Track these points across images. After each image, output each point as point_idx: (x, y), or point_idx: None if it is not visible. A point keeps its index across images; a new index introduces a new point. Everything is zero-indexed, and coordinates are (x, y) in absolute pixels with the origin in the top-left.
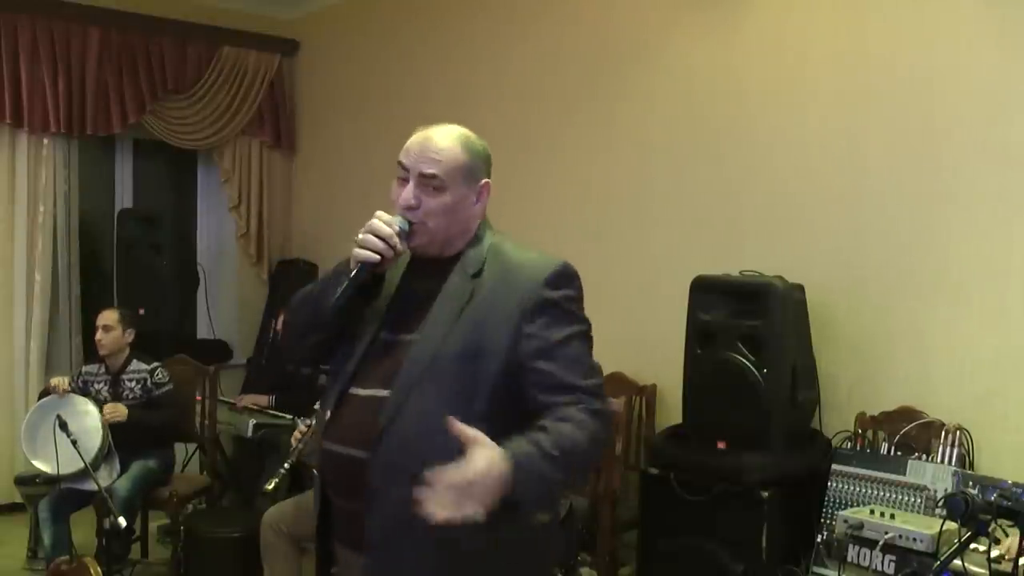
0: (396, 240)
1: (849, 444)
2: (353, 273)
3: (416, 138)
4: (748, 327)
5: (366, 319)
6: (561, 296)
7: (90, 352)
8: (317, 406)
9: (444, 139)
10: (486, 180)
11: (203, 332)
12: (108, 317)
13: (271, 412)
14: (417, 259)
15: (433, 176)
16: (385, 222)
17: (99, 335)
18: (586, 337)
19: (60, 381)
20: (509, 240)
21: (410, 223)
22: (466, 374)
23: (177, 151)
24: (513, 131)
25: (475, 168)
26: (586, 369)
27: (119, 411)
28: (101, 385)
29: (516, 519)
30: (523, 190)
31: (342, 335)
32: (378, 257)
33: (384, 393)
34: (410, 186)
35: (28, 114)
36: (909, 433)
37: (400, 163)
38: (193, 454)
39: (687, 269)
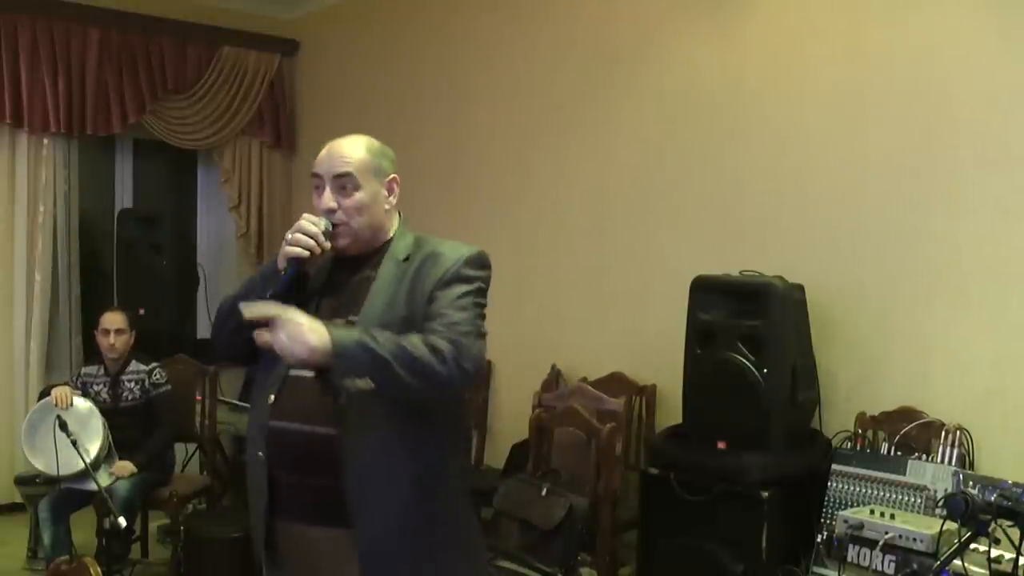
0: (322, 238)
1: (849, 444)
2: (284, 270)
3: (323, 150)
4: (748, 327)
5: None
6: (475, 275)
7: (90, 352)
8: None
9: (348, 144)
10: (394, 175)
11: (203, 332)
12: (118, 320)
13: None
14: (339, 258)
15: (347, 175)
16: (312, 222)
17: (111, 339)
18: (482, 313)
19: (63, 393)
20: (428, 235)
21: (334, 225)
22: None
23: (177, 151)
24: (513, 130)
25: (381, 164)
26: (469, 328)
27: (126, 469)
28: (100, 387)
29: (335, 377)
30: (523, 189)
31: None
32: (307, 253)
33: None
34: (327, 191)
35: (28, 114)
36: (909, 433)
37: (314, 174)
38: (193, 454)
39: (687, 269)
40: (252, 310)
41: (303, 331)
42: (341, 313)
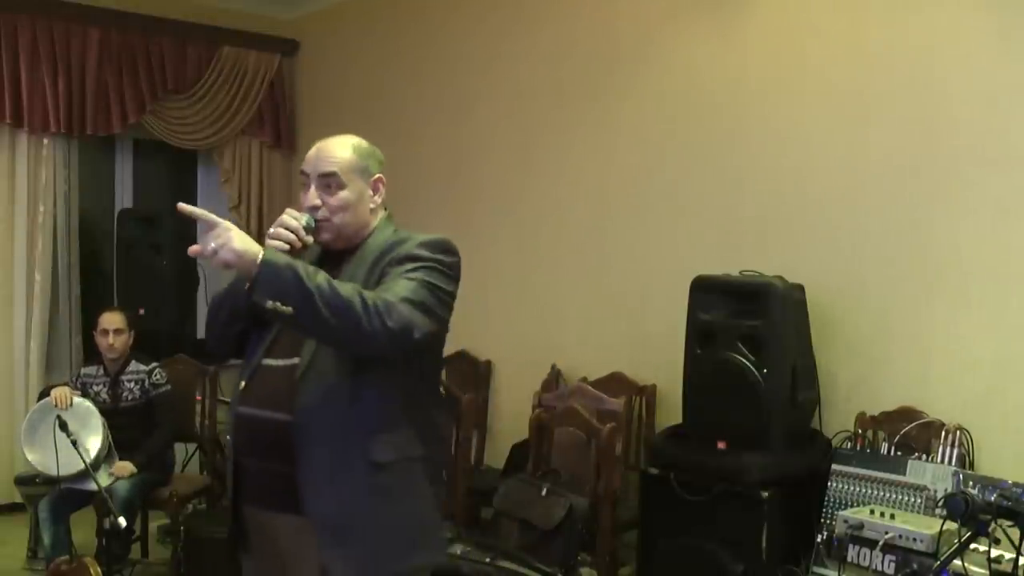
0: (303, 232)
1: (849, 444)
2: None
3: (312, 149)
4: (748, 327)
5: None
6: (430, 256)
7: (90, 352)
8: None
9: (336, 144)
10: (379, 175)
11: (203, 332)
12: (117, 320)
13: None
14: (327, 253)
15: (332, 174)
16: (294, 217)
17: (110, 339)
18: (432, 290)
19: (62, 393)
20: (408, 231)
21: (316, 220)
22: None
23: (177, 151)
24: (514, 130)
25: (367, 165)
26: (409, 295)
27: (126, 469)
28: (100, 387)
29: (258, 294)
30: (524, 188)
31: (260, 324)
32: (287, 247)
33: (296, 360)
34: (312, 189)
35: (28, 114)
36: (909, 433)
37: (302, 172)
38: (193, 454)
39: (687, 269)
40: (187, 208)
41: (231, 236)
42: None
